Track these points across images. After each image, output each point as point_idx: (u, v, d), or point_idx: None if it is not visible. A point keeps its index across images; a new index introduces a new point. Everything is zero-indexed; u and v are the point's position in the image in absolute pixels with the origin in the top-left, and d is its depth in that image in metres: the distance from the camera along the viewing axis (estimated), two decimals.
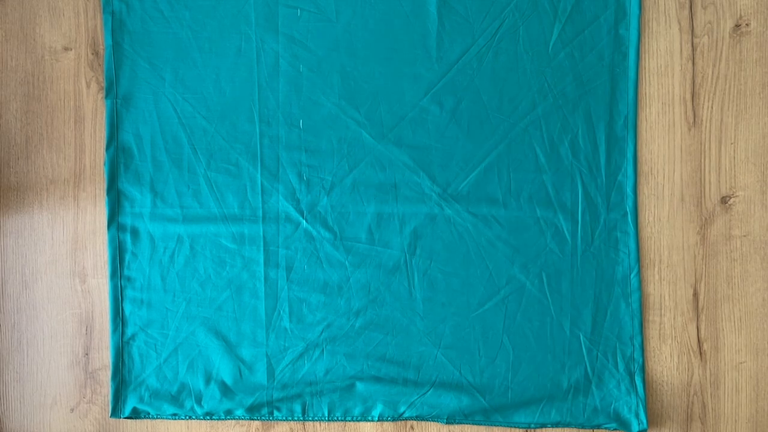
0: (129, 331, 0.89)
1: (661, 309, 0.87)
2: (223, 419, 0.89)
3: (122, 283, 0.89)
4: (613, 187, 0.87)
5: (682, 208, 0.88)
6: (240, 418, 0.89)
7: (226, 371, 0.88)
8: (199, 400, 0.88)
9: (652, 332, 0.87)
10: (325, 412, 0.88)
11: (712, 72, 0.87)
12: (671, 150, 0.88)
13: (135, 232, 0.89)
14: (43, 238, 0.90)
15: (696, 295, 0.87)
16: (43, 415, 0.91)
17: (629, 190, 0.87)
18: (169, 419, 0.89)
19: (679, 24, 0.87)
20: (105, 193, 0.89)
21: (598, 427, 0.87)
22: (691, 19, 0.87)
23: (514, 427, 0.87)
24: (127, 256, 0.89)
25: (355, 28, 0.88)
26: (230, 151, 0.88)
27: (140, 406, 0.89)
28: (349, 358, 0.88)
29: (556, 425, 0.87)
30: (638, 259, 0.87)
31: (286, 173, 0.88)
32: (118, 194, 0.89)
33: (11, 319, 0.91)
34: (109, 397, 0.89)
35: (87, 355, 0.90)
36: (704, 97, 0.87)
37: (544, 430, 0.87)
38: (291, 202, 0.88)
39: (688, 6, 0.87)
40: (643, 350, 0.87)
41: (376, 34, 0.88)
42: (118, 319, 0.89)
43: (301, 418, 0.88)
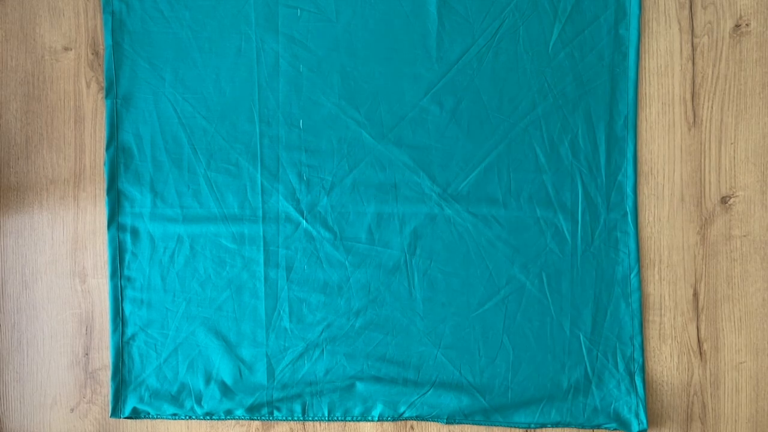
0: (129, 331, 0.89)
1: (661, 309, 0.87)
2: (223, 419, 0.89)
3: (122, 283, 0.89)
4: (613, 187, 0.87)
5: (682, 208, 0.88)
6: (240, 418, 0.89)
7: (226, 371, 0.88)
8: (199, 400, 0.88)
9: (652, 332, 0.87)
10: (325, 412, 0.88)
11: (712, 72, 0.87)
12: (671, 150, 0.88)
13: (135, 232, 0.89)
14: (43, 238, 0.90)
15: (696, 295, 0.87)
16: (43, 415, 0.91)
17: (629, 190, 0.87)
18: (169, 419, 0.89)
19: (679, 24, 0.87)
20: (105, 193, 0.89)
21: (598, 427, 0.87)
22: (691, 19, 0.87)
23: (514, 427, 0.87)
24: (127, 256, 0.89)
25: (355, 28, 0.88)
26: (230, 151, 0.88)
27: (140, 406, 0.89)
28: (349, 358, 0.88)
29: (556, 425, 0.87)
30: (638, 259, 0.87)
31: (286, 173, 0.88)
32: (118, 194, 0.89)
33: (11, 319, 0.91)
34: (109, 397, 0.89)
35: (87, 355, 0.90)
36: (704, 97, 0.87)
37: (544, 430, 0.87)
38: (291, 202, 0.88)
39: (688, 6, 0.87)
40: (643, 350, 0.87)
41: (376, 34, 0.88)
42: (118, 319, 0.89)
43: (301, 418, 0.88)
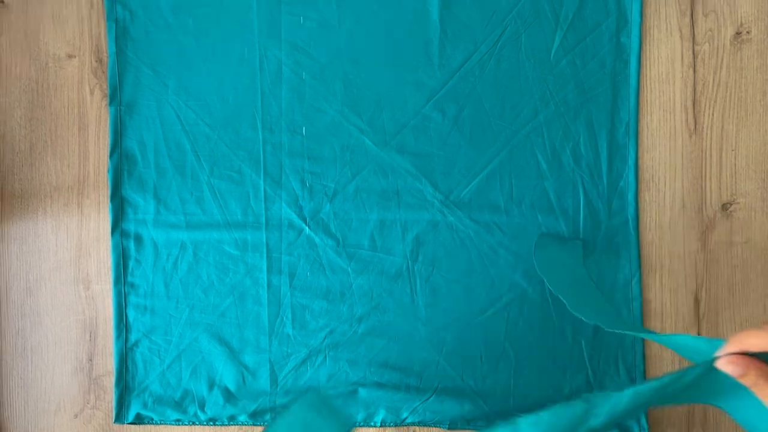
0: (133, 338, 0.89)
1: (663, 316, 0.88)
2: (227, 425, 0.89)
3: (126, 290, 0.89)
4: (615, 194, 0.87)
5: (683, 215, 0.88)
6: (243, 424, 0.89)
7: (229, 377, 0.89)
8: (203, 406, 0.89)
9: (654, 340, 0.87)
10: None
11: (713, 79, 0.88)
12: (672, 157, 0.88)
13: (138, 239, 0.89)
14: (47, 245, 0.91)
15: (697, 301, 0.88)
16: (47, 421, 0.91)
17: (630, 197, 0.87)
18: (173, 425, 0.89)
19: (680, 32, 0.88)
20: (109, 200, 0.89)
21: None
22: (692, 27, 0.88)
23: None
24: (131, 263, 0.89)
25: (358, 36, 0.88)
26: (233, 158, 0.88)
27: (144, 412, 0.89)
28: (351, 365, 0.88)
29: None
30: (639, 266, 0.87)
31: (289, 180, 0.88)
32: (122, 201, 0.89)
33: (15, 326, 0.91)
34: (113, 403, 0.89)
35: (91, 361, 0.91)
36: (705, 105, 0.88)
37: None
38: (294, 208, 0.88)
39: (689, 14, 0.88)
40: (644, 357, 0.87)
41: (379, 42, 0.88)
42: (122, 325, 0.89)
43: None
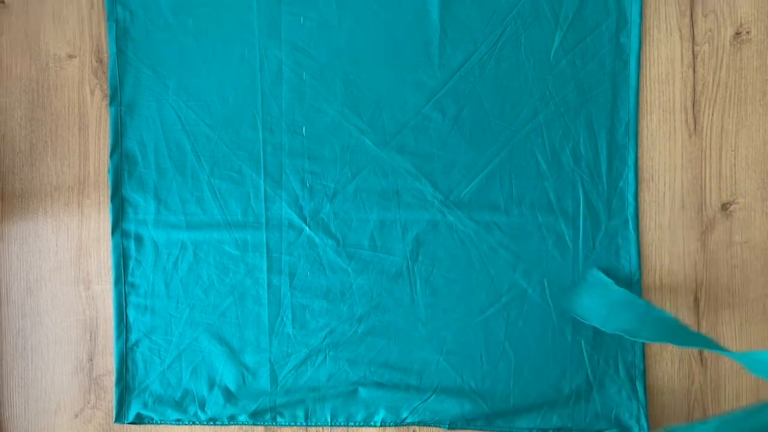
0: (133, 338, 0.89)
1: None
2: (227, 425, 0.89)
3: (126, 290, 0.89)
4: (615, 194, 0.87)
5: (682, 215, 0.88)
6: (243, 424, 0.89)
7: (229, 377, 0.89)
8: (203, 406, 0.89)
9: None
10: (328, 418, 0.88)
11: (713, 79, 0.88)
12: (672, 157, 0.88)
13: (139, 239, 0.89)
14: (48, 245, 0.91)
15: (697, 301, 0.88)
16: (48, 421, 0.91)
17: (630, 197, 0.87)
18: (173, 425, 0.90)
19: (680, 32, 0.88)
20: (109, 200, 0.89)
21: None
22: (692, 27, 0.88)
23: None
24: (131, 263, 0.89)
25: (358, 36, 0.88)
26: (233, 159, 0.88)
27: (144, 412, 0.89)
28: (351, 364, 0.88)
29: (558, 430, 0.87)
30: (639, 266, 0.87)
31: (289, 180, 0.88)
32: (122, 201, 0.89)
33: (16, 325, 0.91)
34: (113, 403, 0.89)
35: (91, 360, 0.91)
36: (705, 105, 0.88)
37: None
38: (294, 208, 0.88)
39: (688, 14, 0.88)
40: (644, 356, 0.87)
41: (379, 42, 0.88)
42: (122, 325, 0.89)
43: (304, 424, 0.89)
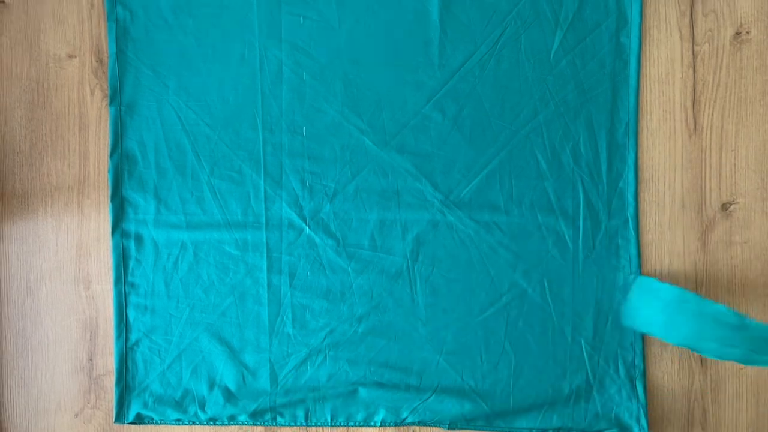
0: (133, 337, 0.89)
1: None
2: (227, 425, 0.89)
3: (126, 290, 0.89)
4: (615, 193, 0.87)
5: (682, 215, 0.88)
6: (243, 424, 0.89)
7: (229, 377, 0.89)
8: (203, 406, 0.89)
9: (654, 338, 0.88)
10: (328, 418, 0.88)
11: (713, 79, 0.88)
12: (672, 157, 0.88)
13: (139, 239, 0.89)
14: (48, 245, 0.91)
15: None
16: (48, 421, 0.91)
17: (630, 197, 0.87)
18: (173, 425, 0.90)
19: (680, 32, 0.88)
20: (109, 200, 0.89)
21: None
22: (692, 27, 0.88)
23: None
24: (131, 263, 0.89)
25: (358, 36, 0.88)
26: (233, 158, 0.88)
27: (144, 412, 0.89)
28: (351, 364, 0.88)
29: (558, 430, 0.87)
30: (639, 266, 0.87)
31: (289, 180, 0.88)
32: (122, 201, 0.89)
33: (16, 325, 0.91)
34: (113, 403, 0.90)
35: (91, 360, 0.91)
36: (705, 105, 0.88)
37: None
38: (294, 208, 0.88)
39: (688, 14, 0.88)
40: (644, 356, 0.87)
41: (379, 42, 0.88)
42: (122, 325, 0.89)
43: (304, 424, 0.89)
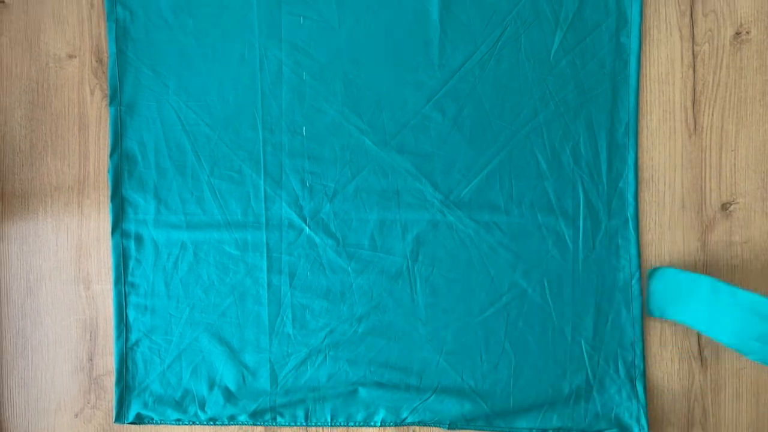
0: (133, 337, 0.89)
1: None
2: (227, 425, 0.89)
3: (126, 290, 0.89)
4: (615, 193, 0.87)
5: (682, 215, 0.88)
6: (243, 424, 0.89)
7: (229, 377, 0.89)
8: (203, 406, 0.89)
9: (653, 338, 0.88)
10: (328, 418, 0.88)
11: (713, 79, 0.88)
12: (672, 157, 0.88)
13: (139, 239, 0.89)
14: (48, 245, 0.91)
15: None
16: (48, 421, 0.91)
17: (630, 197, 0.87)
18: (173, 425, 0.90)
19: (680, 32, 0.88)
20: (109, 200, 0.89)
21: None
22: (692, 27, 0.88)
23: None
24: (131, 263, 0.89)
25: (358, 36, 0.88)
26: (233, 158, 0.88)
27: (144, 412, 0.89)
28: (351, 364, 0.88)
29: (558, 430, 0.87)
30: (639, 266, 0.87)
31: (289, 180, 0.88)
32: (122, 201, 0.89)
33: (16, 325, 0.91)
34: (113, 403, 0.90)
35: (91, 360, 0.91)
36: (705, 105, 0.88)
37: None
38: (294, 208, 0.88)
39: (688, 14, 0.88)
40: (644, 356, 0.87)
41: (379, 42, 0.88)
42: (122, 325, 0.89)
43: (304, 424, 0.89)
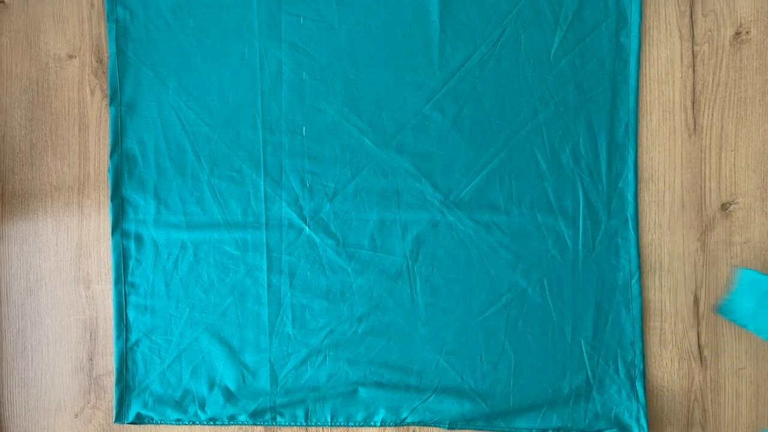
0: (133, 337, 0.89)
1: (662, 315, 0.88)
2: (227, 425, 0.89)
3: (126, 290, 0.89)
4: (614, 193, 0.87)
5: (682, 215, 0.88)
6: (243, 424, 0.89)
7: (229, 377, 0.89)
8: (203, 406, 0.89)
9: (653, 338, 0.88)
10: (328, 418, 0.88)
11: (713, 79, 0.88)
12: (672, 157, 0.88)
13: (139, 239, 0.89)
14: (48, 245, 0.91)
15: (696, 301, 0.88)
16: (48, 421, 0.91)
17: (630, 197, 0.87)
18: (173, 425, 0.90)
19: (680, 32, 0.88)
20: (109, 200, 0.89)
21: None
22: (692, 27, 0.88)
23: None
24: (131, 263, 0.89)
25: (358, 36, 0.88)
26: (233, 158, 0.88)
27: (144, 412, 0.89)
28: (351, 364, 0.88)
29: (558, 430, 0.87)
30: (639, 266, 0.87)
31: (289, 180, 0.88)
32: (122, 201, 0.89)
33: (16, 325, 0.91)
34: (113, 403, 0.90)
35: (91, 360, 0.91)
36: (705, 105, 0.88)
37: None
38: (294, 208, 0.88)
39: (688, 14, 0.88)
40: (643, 356, 0.87)
41: (379, 42, 0.88)
42: (122, 325, 0.89)
43: (304, 424, 0.89)
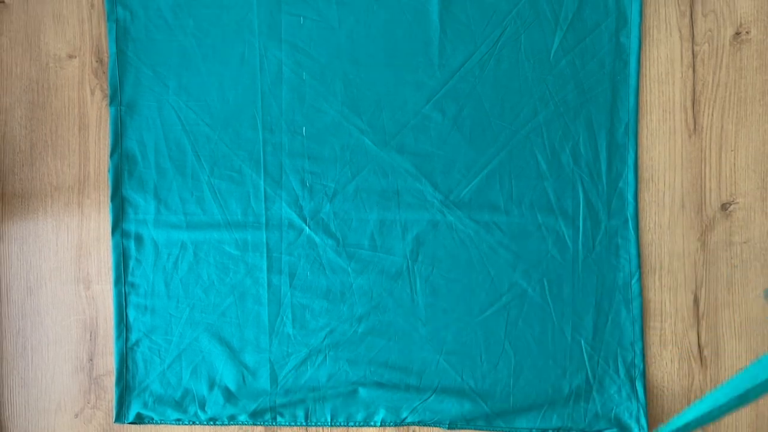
0: (133, 337, 0.89)
1: (662, 315, 0.88)
2: (227, 424, 0.89)
3: (126, 290, 0.89)
4: (614, 193, 0.87)
5: (682, 215, 0.88)
6: (243, 424, 0.89)
7: (229, 377, 0.89)
8: (203, 406, 0.89)
9: (653, 338, 0.88)
10: (328, 418, 0.88)
11: (713, 79, 0.88)
12: (672, 157, 0.88)
13: (139, 239, 0.89)
14: (48, 245, 0.91)
15: (696, 301, 0.88)
16: (48, 421, 0.91)
17: (630, 197, 0.87)
18: (173, 424, 0.90)
19: (680, 32, 0.88)
20: (109, 200, 0.89)
21: None
22: (692, 27, 0.88)
23: None
24: (131, 263, 0.89)
25: (358, 36, 0.88)
26: (233, 158, 0.88)
27: (144, 412, 0.89)
28: (351, 364, 0.88)
29: (558, 430, 0.87)
30: (639, 266, 0.87)
31: (289, 180, 0.88)
32: (122, 201, 0.89)
33: (16, 325, 0.91)
34: (113, 403, 0.90)
35: (91, 360, 0.91)
36: (705, 105, 0.88)
37: None
38: (294, 208, 0.88)
39: (688, 14, 0.88)
40: (643, 356, 0.87)
41: (379, 42, 0.88)
42: (122, 325, 0.89)
43: (304, 424, 0.89)
